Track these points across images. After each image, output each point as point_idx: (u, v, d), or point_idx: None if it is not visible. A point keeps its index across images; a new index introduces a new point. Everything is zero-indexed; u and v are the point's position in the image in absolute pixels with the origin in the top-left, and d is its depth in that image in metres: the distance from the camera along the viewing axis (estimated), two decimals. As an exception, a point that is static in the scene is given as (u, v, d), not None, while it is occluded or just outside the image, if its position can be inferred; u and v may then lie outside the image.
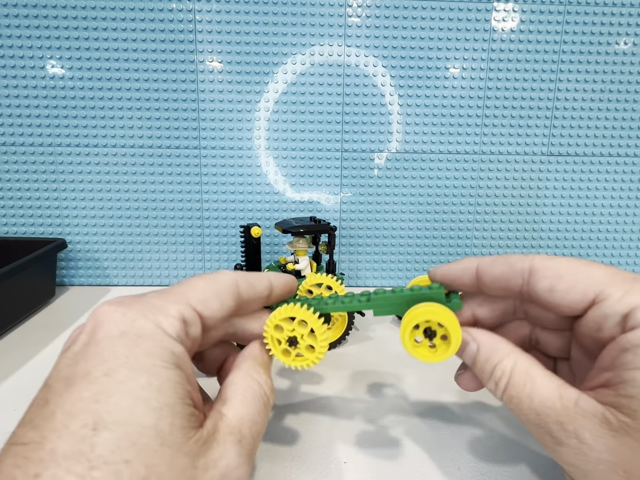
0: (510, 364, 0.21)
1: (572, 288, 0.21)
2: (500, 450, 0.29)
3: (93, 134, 0.54)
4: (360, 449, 0.29)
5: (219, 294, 0.22)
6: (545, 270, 0.21)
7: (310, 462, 0.28)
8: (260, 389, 0.21)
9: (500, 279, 0.23)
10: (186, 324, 0.20)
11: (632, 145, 0.57)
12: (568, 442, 0.19)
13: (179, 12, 0.51)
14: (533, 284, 0.22)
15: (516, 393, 0.20)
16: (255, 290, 0.24)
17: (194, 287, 0.21)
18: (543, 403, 0.20)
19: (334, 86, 0.54)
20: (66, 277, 0.58)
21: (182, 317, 0.19)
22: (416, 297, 0.25)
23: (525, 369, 0.21)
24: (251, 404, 0.20)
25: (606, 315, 0.20)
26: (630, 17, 0.53)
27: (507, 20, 0.53)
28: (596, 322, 0.20)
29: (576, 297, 0.21)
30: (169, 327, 0.19)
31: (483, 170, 0.57)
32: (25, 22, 0.50)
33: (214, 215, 0.57)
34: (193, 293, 0.21)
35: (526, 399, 0.20)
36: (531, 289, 0.22)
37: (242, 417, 0.20)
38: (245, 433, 0.19)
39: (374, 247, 0.59)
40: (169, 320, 0.19)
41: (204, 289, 0.21)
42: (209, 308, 0.21)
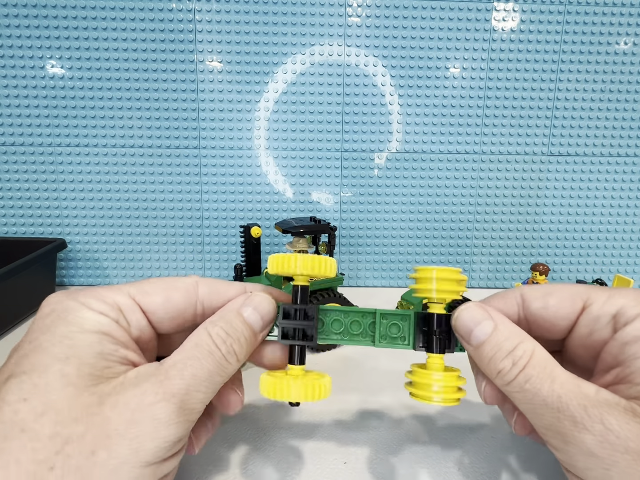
0: (531, 345, 0.21)
1: (562, 301, 0.23)
2: (500, 450, 0.29)
3: (93, 134, 0.54)
4: (360, 449, 0.29)
5: (165, 289, 0.23)
6: (535, 293, 0.24)
7: (310, 462, 0.28)
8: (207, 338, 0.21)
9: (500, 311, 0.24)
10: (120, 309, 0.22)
11: (632, 145, 0.57)
12: (592, 428, 0.18)
13: (179, 12, 0.51)
14: (527, 307, 0.24)
15: (537, 372, 0.20)
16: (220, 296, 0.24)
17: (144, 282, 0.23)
18: (565, 386, 0.19)
19: (334, 86, 0.54)
20: (66, 277, 0.58)
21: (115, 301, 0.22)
22: None
23: (544, 355, 0.21)
24: (188, 350, 0.20)
25: (597, 317, 0.21)
26: (630, 17, 0.53)
27: (507, 20, 0.53)
28: (588, 327, 0.22)
29: (567, 308, 0.22)
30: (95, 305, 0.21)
31: (483, 170, 0.57)
32: (25, 22, 0.50)
33: (214, 215, 0.57)
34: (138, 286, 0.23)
35: (547, 379, 0.20)
36: (527, 312, 0.24)
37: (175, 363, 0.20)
38: (171, 374, 0.19)
39: (374, 247, 0.59)
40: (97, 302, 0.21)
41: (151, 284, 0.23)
42: (150, 300, 0.22)
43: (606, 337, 0.21)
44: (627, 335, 0.20)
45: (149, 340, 0.23)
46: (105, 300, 0.21)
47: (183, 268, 0.59)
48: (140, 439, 0.18)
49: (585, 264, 0.61)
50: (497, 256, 0.60)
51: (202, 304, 0.24)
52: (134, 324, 0.22)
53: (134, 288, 0.23)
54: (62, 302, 0.21)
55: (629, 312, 0.21)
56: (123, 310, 0.22)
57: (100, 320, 0.20)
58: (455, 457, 0.28)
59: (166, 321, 0.23)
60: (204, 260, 0.58)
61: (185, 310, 0.23)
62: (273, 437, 0.30)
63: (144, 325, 0.22)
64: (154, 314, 0.23)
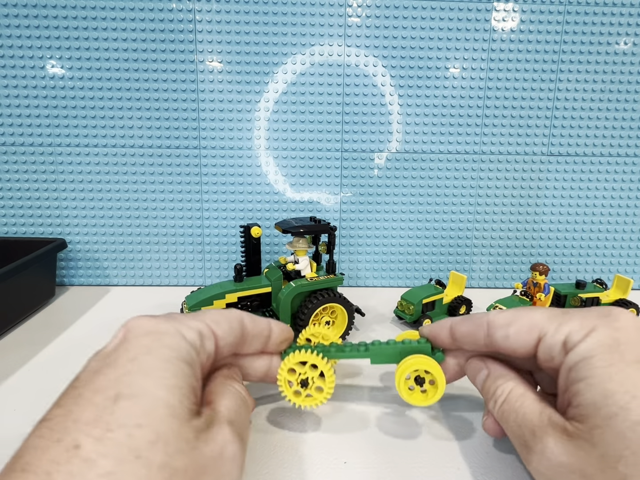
0: (509, 386, 0.26)
1: (520, 332, 0.25)
2: (499, 450, 0.29)
3: (93, 134, 0.54)
4: (360, 449, 0.29)
5: (228, 320, 0.26)
6: (499, 321, 0.26)
7: (310, 462, 0.28)
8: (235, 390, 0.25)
9: (467, 335, 0.28)
10: (202, 336, 0.24)
11: (632, 145, 0.57)
12: (535, 448, 0.22)
13: (179, 12, 0.51)
14: (492, 335, 0.27)
15: (507, 408, 0.25)
16: (257, 326, 0.28)
17: (209, 313, 0.26)
18: (525, 417, 0.23)
19: (334, 86, 0.54)
20: (66, 277, 0.58)
21: (199, 330, 0.24)
22: (406, 349, 0.31)
23: (521, 392, 0.25)
24: (232, 399, 0.24)
25: (550, 347, 0.24)
26: (630, 17, 0.53)
27: (507, 20, 0.53)
28: (547, 354, 0.24)
29: (525, 339, 0.25)
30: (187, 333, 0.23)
31: (483, 170, 0.57)
32: (25, 22, 0.50)
33: (214, 215, 0.57)
34: (208, 316, 0.25)
35: (513, 413, 0.24)
36: (492, 340, 0.27)
37: (229, 408, 0.23)
38: (233, 418, 0.22)
39: (374, 247, 0.59)
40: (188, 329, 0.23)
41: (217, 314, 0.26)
42: (221, 328, 0.25)
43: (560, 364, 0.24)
44: (569, 361, 0.22)
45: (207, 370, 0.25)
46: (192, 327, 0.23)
47: (183, 268, 0.59)
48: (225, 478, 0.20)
49: (585, 264, 0.61)
50: (497, 256, 0.60)
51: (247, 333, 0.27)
52: (207, 350, 0.24)
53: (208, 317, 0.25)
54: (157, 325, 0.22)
55: (573, 338, 0.23)
56: (204, 337, 0.24)
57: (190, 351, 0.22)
58: (455, 457, 0.28)
59: (228, 347, 0.26)
60: (204, 260, 0.58)
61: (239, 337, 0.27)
62: (273, 437, 0.30)
63: (212, 352, 0.25)
64: (223, 339, 0.25)
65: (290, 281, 0.43)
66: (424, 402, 0.30)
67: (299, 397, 0.30)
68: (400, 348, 0.31)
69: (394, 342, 0.32)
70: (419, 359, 0.29)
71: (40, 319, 0.48)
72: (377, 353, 0.31)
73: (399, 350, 0.31)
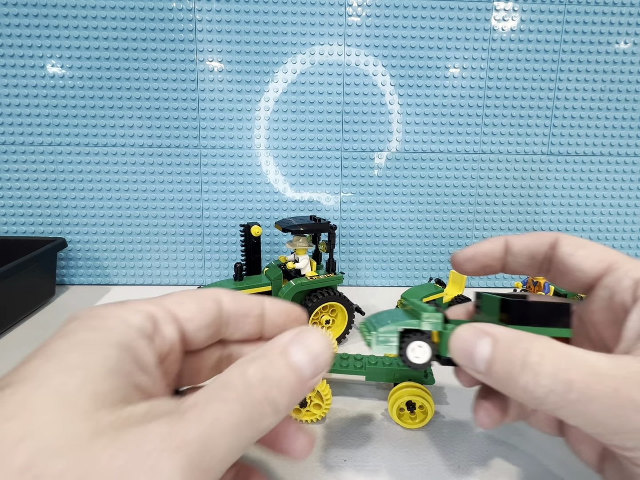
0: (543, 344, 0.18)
1: (590, 255, 0.23)
2: (499, 449, 0.29)
3: (93, 133, 0.54)
4: (360, 447, 0.29)
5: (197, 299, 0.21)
6: (569, 240, 0.24)
7: (311, 460, 0.27)
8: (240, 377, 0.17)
9: (528, 246, 0.25)
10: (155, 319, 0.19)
11: (632, 145, 0.57)
12: None
13: (179, 11, 0.51)
14: (556, 249, 0.24)
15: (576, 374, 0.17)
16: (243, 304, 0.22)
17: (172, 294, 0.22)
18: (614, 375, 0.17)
19: (334, 86, 0.54)
20: (66, 276, 0.58)
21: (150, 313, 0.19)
22: (400, 372, 0.32)
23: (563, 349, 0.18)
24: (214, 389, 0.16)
25: (620, 279, 0.21)
26: (630, 17, 0.53)
27: (507, 20, 0.53)
28: (609, 288, 0.22)
29: (593, 263, 0.23)
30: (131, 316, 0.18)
31: (483, 170, 0.57)
32: (25, 22, 0.51)
33: (214, 214, 0.57)
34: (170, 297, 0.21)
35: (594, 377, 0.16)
36: (554, 253, 0.24)
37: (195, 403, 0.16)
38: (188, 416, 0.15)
39: (374, 246, 0.59)
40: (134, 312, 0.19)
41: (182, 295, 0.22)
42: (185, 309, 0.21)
43: (626, 302, 0.21)
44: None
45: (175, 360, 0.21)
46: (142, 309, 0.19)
47: (183, 267, 0.59)
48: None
49: (585, 264, 0.61)
50: (497, 256, 0.60)
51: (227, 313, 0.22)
52: (167, 336, 0.20)
53: (168, 300, 0.21)
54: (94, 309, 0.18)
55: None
56: (158, 320, 0.19)
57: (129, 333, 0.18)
58: (454, 455, 0.28)
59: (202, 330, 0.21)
60: (204, 259, 0.58)
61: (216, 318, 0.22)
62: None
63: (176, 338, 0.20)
64: (190, 322, 0.21)
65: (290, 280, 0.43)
66: (411, 425, 0.31)
67: (299, 413, 0.31)
68: (394, 370, 0.33)
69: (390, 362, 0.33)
70: (411, 390, 0.31)
71: (40, 319, 0.48)
72: (373, 372, 0.33)
73: (392, 372, 0.33)
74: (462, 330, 0.20)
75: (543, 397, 0.17)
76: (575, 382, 0.16)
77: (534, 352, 0.17)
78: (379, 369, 0.33)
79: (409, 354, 0.22)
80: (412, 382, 0.31)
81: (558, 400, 0.17)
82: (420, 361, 0.22)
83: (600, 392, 0.16)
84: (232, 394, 0.16)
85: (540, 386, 0.17)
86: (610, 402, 0.16)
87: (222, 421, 0.15)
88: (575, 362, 0.17)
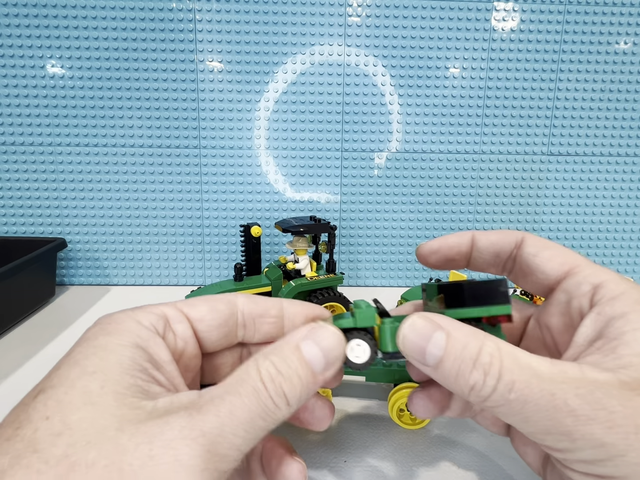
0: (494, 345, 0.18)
1: (553, 257, 0.23)
2: (499, 448, 0.29)
3: (93, 133, 0.54)
4: (360, 448, 0.29)
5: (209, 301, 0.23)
6: (534, 240, 0.24)
7: (311, 461, 0.27)
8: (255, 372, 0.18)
9: (494, 244, 0.25)
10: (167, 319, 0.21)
11: (632, 145, 0.57)
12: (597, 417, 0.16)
13: (179, 12, 0.51)
14: (521, 249, 0.24)
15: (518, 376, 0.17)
16: (258, 305, 0.23)
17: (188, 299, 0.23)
18: (552, 380, 0.17)
19: (334, 86, 0.54)
20: (66, 276, 0.58)
21: (162, 313, 0.21)
22: (400, 373, 0.32)
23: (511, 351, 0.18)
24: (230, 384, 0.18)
25: (579, 284, 0.21)
26: (630, 17, 0.53)
27: (507, 20, 0.53)
28: (568, 292, 0.22)
29: (554, 265, 0.23)
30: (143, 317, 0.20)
31: (483, 170, 0.57)
32: (25, 22, 0.51)
33: (214, 215, 0.57)
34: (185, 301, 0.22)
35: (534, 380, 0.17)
36: (519, 253, 0.24)
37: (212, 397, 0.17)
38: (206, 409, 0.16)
39: (374, 246, 0.59)
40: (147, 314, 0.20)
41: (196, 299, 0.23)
42: (196, 310, 0.22)
43: (583, 308, 0.21)
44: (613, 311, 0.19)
45: (193, 357, 0.22)
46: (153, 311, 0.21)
47: (183, 267, 0.59)
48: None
49: (585, 264, 0.61)
50: (497, 256, 0.60)
51: (243, 314, 0.23)
52: (180, 334, 0.21)
53: (181, 302, 0.22)
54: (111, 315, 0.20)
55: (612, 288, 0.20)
56: (170, 319, 0.21)
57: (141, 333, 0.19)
58: (454, 455, 0.28)
59: (214, 330, 0.22)
60: (204, 259, 0.58)
61: (229, 318, 0.23)
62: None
63: (189, 335, 0.21)
64: (201, 322, 0.22)
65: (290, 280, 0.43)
66: (411, 426, 0.31)
67: None
68: (394, 371, 0.32)
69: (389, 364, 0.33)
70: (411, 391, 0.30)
71: (40, 319, 0.48)
72: (373, 373, 0.33)
73: (392, 373, 0.33)
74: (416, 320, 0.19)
75: (486, 396, 0.18)
76: (516, 383, 0.17)
77: (486, 352, 0.18)
78: (379, 369, 0.33)
79: (348, 354, 0.20)
80: (412, 383, 0.31)
81: (499, 399, 0.17)
82: (361, 360, 0.20)
83: (537, 394, 0.17)
84: (247, 388, 0.17)
85: (487, 385, 0.17)
86: (545, 405, 0.17)
87: (237, 414, 0.16)
88: (519, 364, 0.17)
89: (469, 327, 0.19)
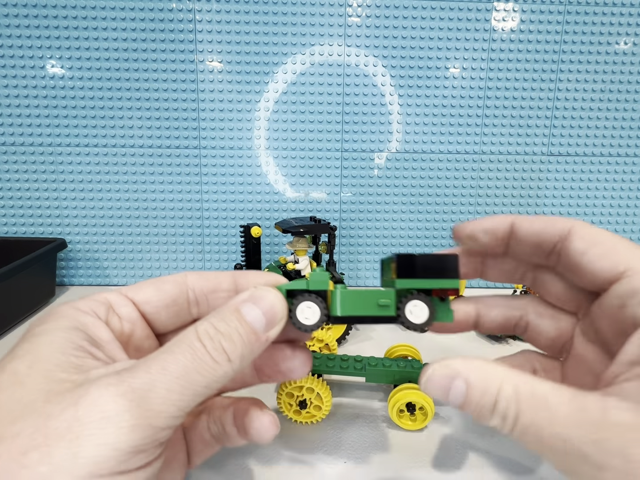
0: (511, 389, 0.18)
1: (604, 255, 0.20)
2: (498, 448, 0.29)
3: (93, 133, 0.54)
4: (360, 448, 0.29)
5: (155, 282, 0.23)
6: (585, 234, 0.21)
7: (310, 462, 0.28)
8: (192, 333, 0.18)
9: (538, 234, 0.22)
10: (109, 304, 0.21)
11: (632, 145, 0.57)
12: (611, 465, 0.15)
13: (179, 12, 0.51)
14: (568, 243, 0.21)
15: (531, 421, 0.17)
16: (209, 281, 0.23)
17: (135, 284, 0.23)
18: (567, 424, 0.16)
19: (334, 86, 0.54)
20: (66, 277, 0.58)
21: (106, 300, 0.21)
22: (400, 373, 0.32)
23: (530, 390, 0.17)
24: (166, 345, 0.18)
25: (633, 291, 0.18)
26: (630, 17, 0.53)
27: (507, 20, 0.53)
28: (620, 298, 0.19)
29: (606, 265, 0.19)
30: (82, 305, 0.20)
31: (483, 170, 0.57)
32: (25, 22, 0.50)
33: (214, 215, 0.57)
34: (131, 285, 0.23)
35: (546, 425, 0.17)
36: (565, 248, 0.21)
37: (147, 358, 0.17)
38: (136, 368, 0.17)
39: (374, 247, 0.59)
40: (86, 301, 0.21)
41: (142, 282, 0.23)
42: (140, 292, 0.22)
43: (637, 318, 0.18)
44: None
45: (145, 338, 0.22)
46: (95, 298, 0.21)
47: (183, 268, 0.59)
48: (80, 441, 0.15)
49: (585, 264, 0.61)
50: (497, 256, 0.60)
51: (194, 291, 0.23)
52: (125, 317, 0.21)
53: (127, 287, 0.23)
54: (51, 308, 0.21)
55: None
56: (113, 304, 0.21)
57: (79, 317, 0.19)
58: (454, 457, 0.28)
59: (162, 310, 0.22)
60: (204, 260, 0.58)
61: (178, 297, 0.23)
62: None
63: (136, 317, 0.22)
64: (147, 304, 0.22)
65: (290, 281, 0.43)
66: (412, 426, 0.31)
67: (300, 415, 0.31)
68: (394, 372, 0.33)
69: (389, 364, 0.33)
70: (411, 392, 0.30)
71: (40, 319, 0.48)
72: (373, 374, 0.33)
73: (392, 374, 0.33)
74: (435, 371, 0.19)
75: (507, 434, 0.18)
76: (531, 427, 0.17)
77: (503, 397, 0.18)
78: (379, 370, 0.33)
79: (298, 315, 0.21)
80: (412, 384, 0.31)
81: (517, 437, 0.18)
82: (310, 322, 0.21)
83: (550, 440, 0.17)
84: (182, 346, 0.18)
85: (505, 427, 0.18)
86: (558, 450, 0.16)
87: (170, 369, 0.17)
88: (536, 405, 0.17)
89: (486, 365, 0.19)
